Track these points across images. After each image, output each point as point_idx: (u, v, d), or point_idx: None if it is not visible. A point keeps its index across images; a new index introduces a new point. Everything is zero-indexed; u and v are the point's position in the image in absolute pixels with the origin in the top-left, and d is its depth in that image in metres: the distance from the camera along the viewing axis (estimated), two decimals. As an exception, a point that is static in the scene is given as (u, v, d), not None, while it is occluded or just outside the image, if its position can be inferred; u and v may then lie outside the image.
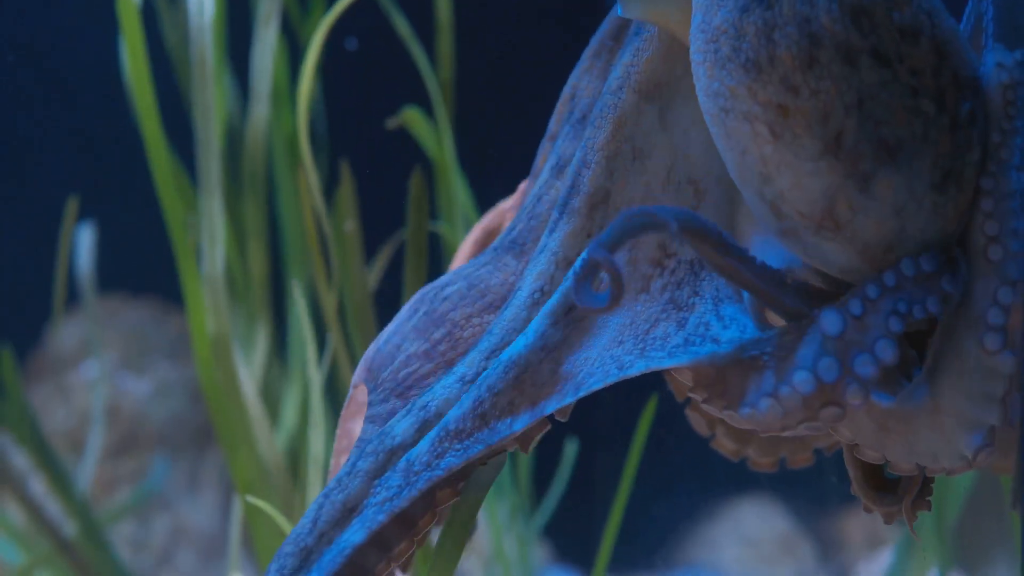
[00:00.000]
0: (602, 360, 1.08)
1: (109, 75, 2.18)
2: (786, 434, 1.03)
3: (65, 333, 3.16)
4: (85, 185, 2.87)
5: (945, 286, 1.05)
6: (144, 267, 2.85)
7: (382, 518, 1.06)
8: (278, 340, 2.23)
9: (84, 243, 2.59)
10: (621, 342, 1.09)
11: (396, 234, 2.09)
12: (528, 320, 1.13)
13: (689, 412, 1.43)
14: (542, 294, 1.14)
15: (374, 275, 2.01)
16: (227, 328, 1.91)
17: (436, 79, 2.06)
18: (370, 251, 2.07)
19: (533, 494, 2.36)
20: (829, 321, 1.03)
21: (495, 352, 1.12)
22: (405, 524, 1.09)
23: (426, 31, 2.13)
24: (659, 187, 1.14)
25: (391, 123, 2.01)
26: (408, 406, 1.12)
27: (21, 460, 2.74)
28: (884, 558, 2.83)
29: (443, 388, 1.12)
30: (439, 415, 1.11)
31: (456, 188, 2.08)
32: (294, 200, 2.18)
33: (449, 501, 1.10)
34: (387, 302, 1.91)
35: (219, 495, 3.05)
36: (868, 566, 2.98)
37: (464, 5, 2.21)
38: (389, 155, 2.12)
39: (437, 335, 1.16)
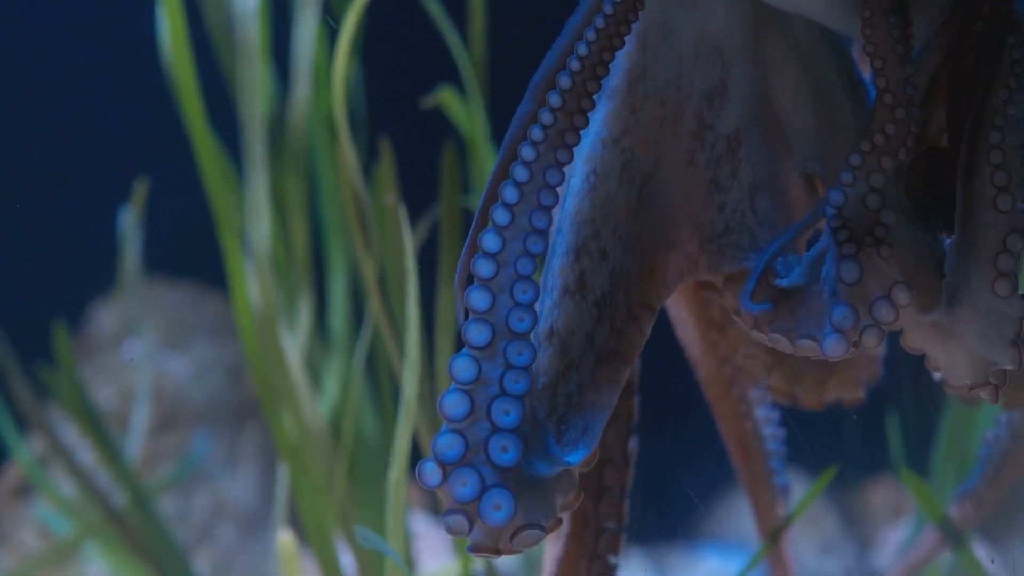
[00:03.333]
0: None
1: (151, 56, 2.25)
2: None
3: (107, 315, 3.23)
4: (126, 169, 2.94)
5: None
6: (183, 251, 2.91)
7: None
8: (320, 312, 2.30)
9: (126, 224, 2.66)
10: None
11: (431, 208, 2.15)
12: (592, 207, 1.17)
13: (746, 360, 1.48)
14: (595, 175, 1.18)
15: (411, 244, 2.07)
16: (273, 300, 1.98)
17: (469, 58, 2.12)
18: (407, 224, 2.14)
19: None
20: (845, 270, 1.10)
21: (571, 247, 1.16)
22: None
23: (459, 11, 2.20)
24: (690, 59, 1.18)
25: (426, 102, 2.08)
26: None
27: (71, 433, 2.82)
28: (906, 527, 2.88)
29: (552, 307, 1.16)
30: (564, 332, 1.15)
31: (488, 164, 2.15)
32: (334, 177, 2.24)
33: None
34: (424, 275, 1.98)
35: (258, 471, 3.12)
36: (890, 535, 3.03)
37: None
38: (424, 133, 2.19)
39: None
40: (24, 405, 2.55)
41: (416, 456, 1.64)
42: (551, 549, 1.34)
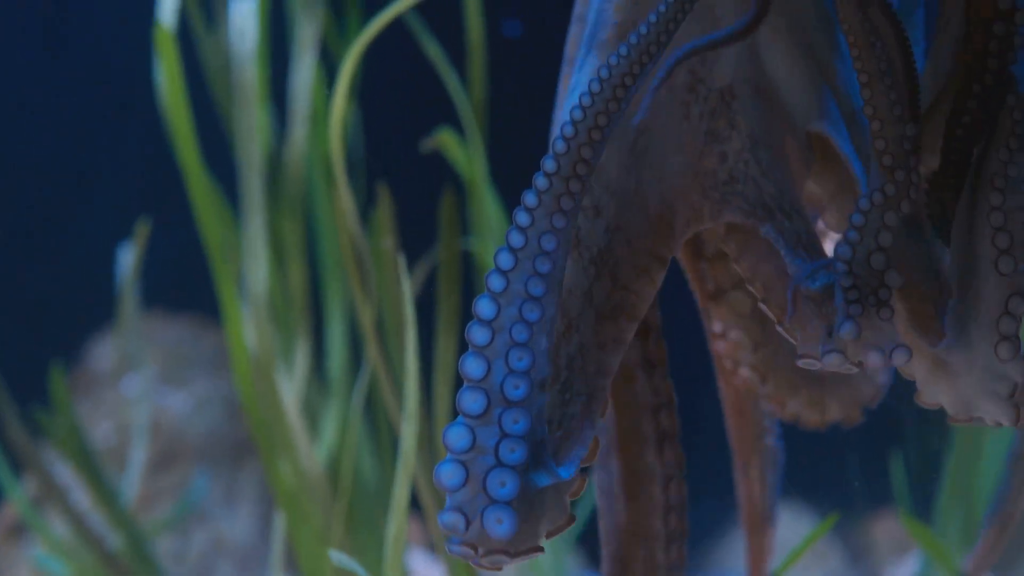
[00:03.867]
0: None
1: (150, 97, 2.25)
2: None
3: (106, 349, 3.22)
4: (124, 204, 2.93)
5: None
6: (182, 284, 2.90)
7: None
8: (318, 356, 2.28)
9: (125, 262, 2.65)
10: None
11: (430, 251, 2.14)
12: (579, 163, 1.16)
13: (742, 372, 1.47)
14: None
15: (409, 292, 2.06)
16: (269, 345, 1.96)
17: (468, 100, 2.11)
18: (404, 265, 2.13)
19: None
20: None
21: None
22: None
23: (458, 54, 2.19)
24: None
25: (425, 145, 2.07)
26: None
27: (66, 473, 2.81)
28: (912, 563, 2.87)
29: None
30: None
31: (488, 206, 2.14)
32: (332, 220, 2.23)
33: None
34: (423, 318, 1.97)
35: (257, 508, 3.11)
36: (896, 570, 3.02)
37: (495, 27, 2.27)
38: (423, 174, 2.18)
39: None
40: (19, 445, 2.54)
41: (415, 496, 1.63)
42: (614, 517, 1.32)
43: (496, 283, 1.09)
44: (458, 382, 1.11)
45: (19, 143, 3.07)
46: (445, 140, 2.10)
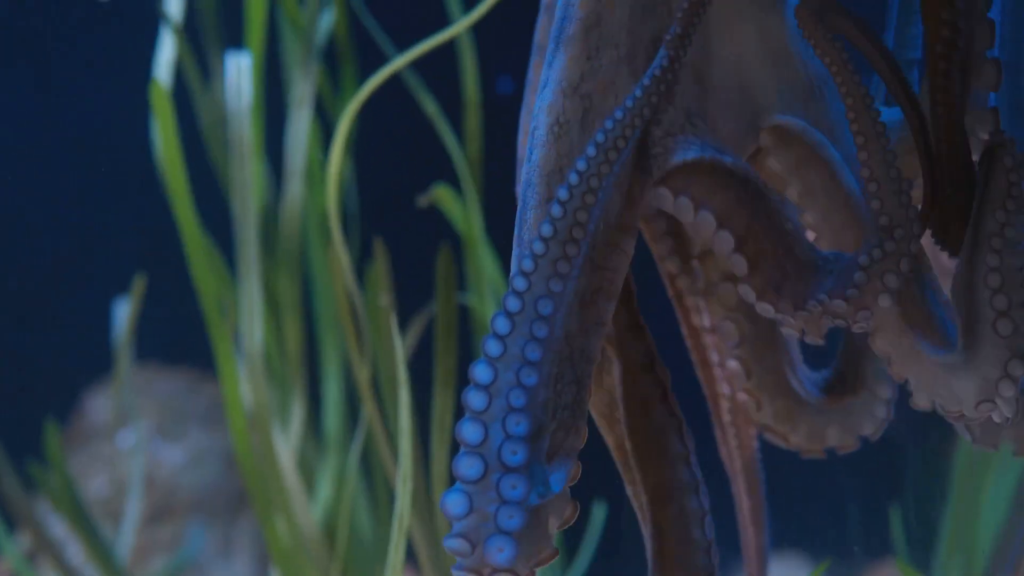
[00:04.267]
0: None
1: (144, 150, 2.25)
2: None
3: (102, 402, 3.21)
4: (120, 257, 2.93)
5: None
6: (177, 336, 2.90)
7: None
8: (313, 413, 2.28)
9: (121, 316, 2.65)
10: None
11: (427, 306, 2.14)
12: (559, 157, 1.17)
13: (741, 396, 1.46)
14: (558, 126, 1.17)
15: (406, 348, 2.06)
16: (265, 402, 1.96)
17: (464, 156, 2.12)
18: (401, 323, 2.13)
19: (564, 557, 2.39)
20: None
21: (542, 199, 1.17)
22: None
23: (454, 109, 2.19)
24: (639, 8, 1.19)
25: (422, 201, 2.07)
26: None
27: (61, 528, 2.79)
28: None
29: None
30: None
31: (484, 262, 2.14)
32: (328, 275, 2.23)
33: None
34: (420, 373, 1.96)
35: (253, 562, 3.09)
36: (896, 624, 2.99)
37: (491, 83, 2.28)
38: (419, 230, 2.18)
39: None
40: (13, 500, 2.52)
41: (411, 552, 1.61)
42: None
43: (493, 348, 1.09)
44: (455, 438, 1.10)
45: (15, 197, 3.07)
46: (441, 195, 2.11)
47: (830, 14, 1.14)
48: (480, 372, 1.09)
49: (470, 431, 1.09)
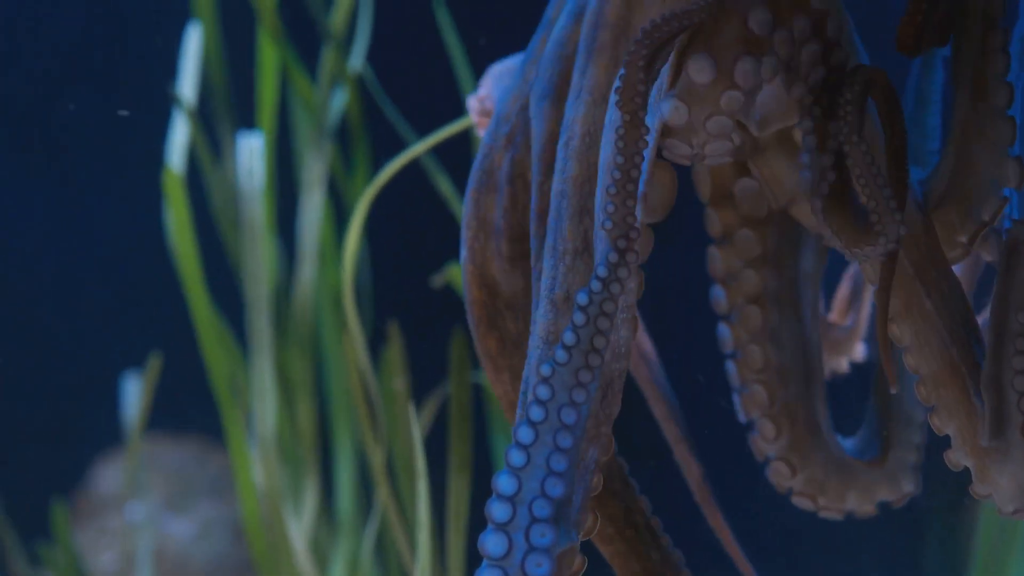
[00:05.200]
0: None
1: (157, 228, 2.25)
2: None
3: (110, 475, 3.19)
4: (128, 329, 2.92)
5: None
6: (184, 407, 2.89)
7: None
8: (327, 495, 2.25)
9: (131, 391, 2.63)
10: None
11: (440, 386, 2.12)
12: (590, 167, 1.16)
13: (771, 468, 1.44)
14: (589, 136, 1.17)
15: (420, 430, 2.04)
16: (277, 484, 1.94)
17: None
18: (415, 402, 2.11)
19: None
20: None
21: (576, 210, 1.16)
22: None
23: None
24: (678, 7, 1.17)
25: (436, 281, 2.06)
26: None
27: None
28: None
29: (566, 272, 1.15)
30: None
31: (498, 341, 2.12)
32: (341, 356, 2.22)
33: None
34: (433, 456, 1.94)
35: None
36: None
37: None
38: (433, 309, 2.16)
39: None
40: (20, 577, 2.50)
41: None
42: None
43: (516, 458, 1.07)
44: (471, 525, 1.08)
45: (28, 273, 3.07)
46: (455, 275, 2.09)
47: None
48: (503, 483, 1.07)
49: (493, 543, 1.06)
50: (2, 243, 3.03)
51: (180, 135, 2.07)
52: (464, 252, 1.30)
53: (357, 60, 2.24)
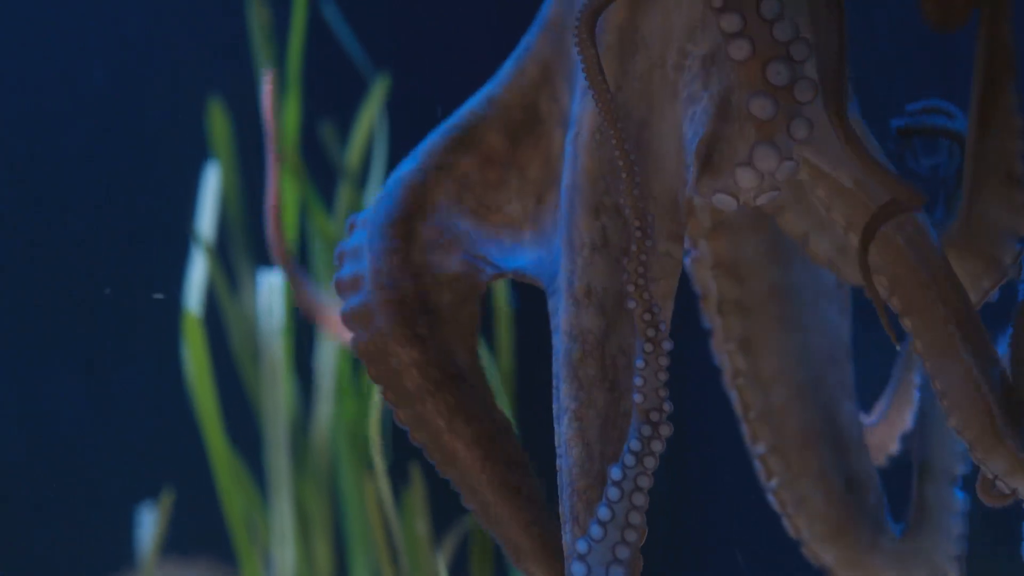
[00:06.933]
0: None
1: (175, 364, 2.24)
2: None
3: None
4: (143, 460, 2.90)
5: None
6: (197, 530, 2.86)
7: None
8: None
9: (145, 522, 2.61)
10: None
11: (460, 523, 2.10)
12: (600, 164, 1.16)
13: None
14: (599, 133, 1.17)
15: (441, 570, 2.01)
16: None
17: (497, 368, 2.10)
18: (435, 539, 2.08)
19: None
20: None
21: (590, 205, 1.16)
22: None
23: (486, 321, 2.18)
24: (675, 3, 1.18)
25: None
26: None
27: None
28: None
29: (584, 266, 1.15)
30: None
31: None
32: (359, 495, 2.20)
33: None
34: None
35: None
36: None
37: (526, 292, 2.27)
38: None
39: None
40: None
41: None
42: None
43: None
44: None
45: (45, 403, 3.07)
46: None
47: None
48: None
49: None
50: (28, 380, 3.03)
51: (198, 273, 2.08)
52: None
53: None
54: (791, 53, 1.06)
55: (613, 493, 1.06)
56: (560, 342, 1.15)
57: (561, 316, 1.14)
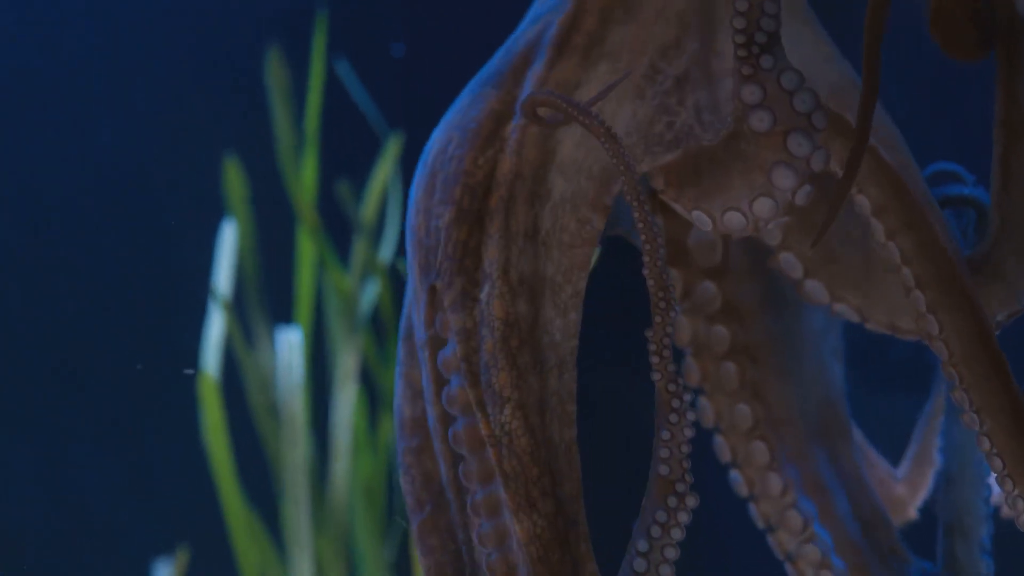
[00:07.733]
0: None
1: (192, 425, 2.25)
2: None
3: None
4: (159, 516, 2.91)
5: None
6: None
7: None
8: None
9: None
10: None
11: None
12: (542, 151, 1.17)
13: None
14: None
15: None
16: None
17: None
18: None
19: None
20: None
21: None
22: None
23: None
24: (650, 22, 1.20)
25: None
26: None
27: None
28: None
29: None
30: None
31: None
32: (375, 550, 2.20)
33: None
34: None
35: None
36: None
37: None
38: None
39: (458, 193, 1.19)
40: None
41: None
42: None
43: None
44: None
45: (59, 461, 3.07)
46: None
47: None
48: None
49: None
50: (45, 438, 3.04)
51: (216, 331, 2.09)
52: None
53: (387, 251, 2.26)
54: (813, 123, 1.09)
55: (640, 565, 1.07)
56: (488, 332, 1.14)
57: (487, 302, 1.15)
